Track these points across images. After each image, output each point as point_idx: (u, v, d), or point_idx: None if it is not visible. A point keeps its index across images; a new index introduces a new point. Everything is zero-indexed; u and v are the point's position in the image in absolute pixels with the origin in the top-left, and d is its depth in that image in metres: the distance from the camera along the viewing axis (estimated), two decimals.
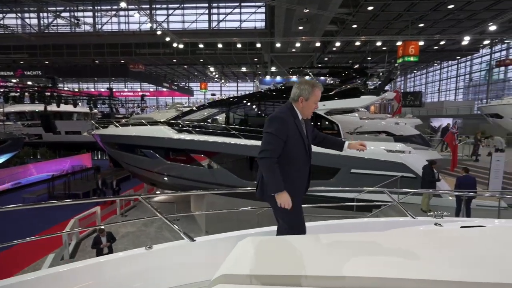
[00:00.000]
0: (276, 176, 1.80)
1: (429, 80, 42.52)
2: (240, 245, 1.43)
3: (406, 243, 1.43)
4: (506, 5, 19.82)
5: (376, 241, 1.43)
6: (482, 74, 33.40)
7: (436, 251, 1.32)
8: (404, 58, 21.39)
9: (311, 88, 1.91)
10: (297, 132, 1.92)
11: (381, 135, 12.19)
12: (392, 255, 1.27)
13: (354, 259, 1.21)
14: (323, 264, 1.18)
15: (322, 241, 1.49)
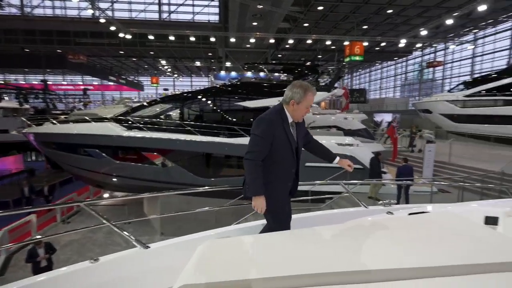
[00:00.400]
0: (257, 180, 1.80)
1: (372, 79, 46.31)
2: (201, 250, 1.34)
3: (367, 233, 1.49)
4: (433, 13, 22.41)
5: (338, 233, 1.46)
6: (415, 74, 37.46)
7: (394, 240, 1.40)
8: (350, 57, 22.87)
9: (303, 92, 1.84)
10: (284, 135, 1.88)
11: (331, 129, 12.90)
12: (358, 246, 1.31)
13: (321, 254, 1.21)
14: (287, 262, 1.16)
15: (285, 238, 1.47)
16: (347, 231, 1.51)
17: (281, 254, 1.26)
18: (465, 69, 29.71)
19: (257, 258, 1.24)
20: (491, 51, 26.85)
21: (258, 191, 1.80)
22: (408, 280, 1.02)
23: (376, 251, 1.26)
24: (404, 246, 1.31)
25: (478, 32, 27.57)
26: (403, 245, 1.32)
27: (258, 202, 1.81)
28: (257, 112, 10.49)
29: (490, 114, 16.62)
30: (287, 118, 1.91)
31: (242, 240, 1.49)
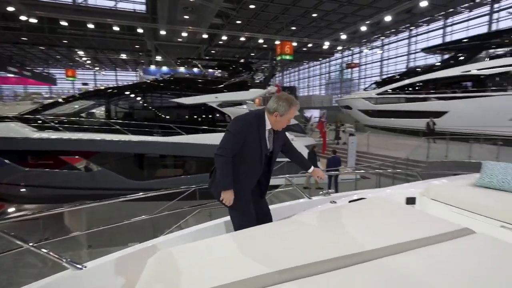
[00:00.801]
0: (227, 175, 1.87)
1: (301, 77, 49.60)
2: (152, 263, 1.21)
3: (319, 224, 1.57)
4: (350, 20, 25.13)
5: (294, 227, 1.51)
6: (337, 73, 41.58)
7: (342, 227, 1.51)
8: (281, 56, 24.01)
9: (288, 106, 1.89)
10: (257, 139, 1.93)
11: None
12: (313, 238, 1.37)
13: (278, 252, 1.23)
14: (248, 264, 1.14)
15: (240, 238, 1.45)
16: (302, 223, 1.58)
17: (241, 256, 1.24)
18: (376, 71, 34.27)
19: (217, 264, 1.18)
20: (394, 56, 31.59)
21: (228, 186, 1.88)
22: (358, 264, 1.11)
23: (327, 240, 1.34)
24: (351, 232, 1.43)
25: (385, 39, 32.06)
26: (350, 232, 1.44)
27: (227, 195, 1.88)
28: (193, 109, 10.21)
29: (395, 109, 19.59)
30: (265, 125, 1.96)
31: (197, 246, 1.40)
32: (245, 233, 1.51)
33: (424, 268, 1.09)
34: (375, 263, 1.10)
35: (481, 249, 1.25)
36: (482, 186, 2.26)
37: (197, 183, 8.14)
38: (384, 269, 1.07)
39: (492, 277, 1.04)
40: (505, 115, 13.05)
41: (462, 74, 15.85)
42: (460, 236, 1.37)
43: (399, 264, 1.11)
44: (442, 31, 25.86)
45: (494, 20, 21.74)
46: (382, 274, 1.04)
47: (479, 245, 1.29)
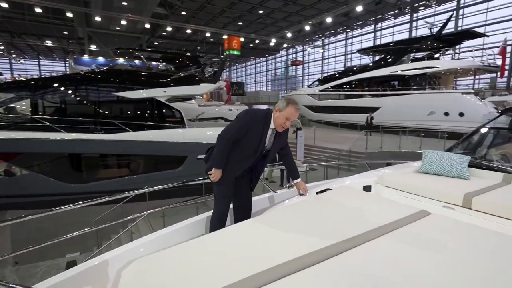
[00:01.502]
0: (223, 156, 2.03)
1: (248, 73, 50.03)
2: (130, 275, 1.08)
3: (300, 217, 1.60)
4: (294, 19, 26.16)
5: (272, 224, 1.50)
6: (282, 70, 43.03)
7: (323, 218, 1.56)
8: (229, 51, 23.88)
9: (286, 103, 2.04)
10: (258, 135, 2.05)
11: (218, 121, 13.20)
12: (296, 232, 1.38)
13: (262, 250, 1.21)
14: (232, 267, 1.11)
15: (218, 240, 1.38)
16: (280, 218, 1.58)
17: (221, 258, 1.18)
18: (318, 69, 36.43)
19: (200, 269, 1.11)
20: (333, 55, 33.99)
21: (220, 165, 2.04)
22: (349, 250, 1.17)
23: (311, 232, 1.37)
24: (331, 222, 1.49)
25: (325, 39, 34.22)
26: (330, 222, 1.50)
27: (217, 174, 2.04)
28: (139, 103, 9.49)
29: (336, 105, 21.17)
30: (270, 123, 2.08)
31: (173, 252, 1.28)
32: (223, 233, 1.45)
33: (404, 247, 1.20)
34: (363, 248, 1.17)
35: (440, 227, 1.43)
36: (424, 172, 2.58)
37: (146, 183, 7.63)
38: (372, 252, 1.15)
39: (455, 249, 1.19)
40: (425, 111, 15.14)
41: (390, 74, 17.86)
42: (420, 217, 1.54)
43: (383, 246, 1.20)
44: (373, 34, 28.65)
45: (413, 27, 24.94)
46: (372, 257, 1.12)
47: (437, 224, 1.47)
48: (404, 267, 1.07)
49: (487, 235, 1.31)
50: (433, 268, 1.05)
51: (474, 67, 15.18)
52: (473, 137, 3.41)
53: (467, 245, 1.23)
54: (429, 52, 17.52)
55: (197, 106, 13.00)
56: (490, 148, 3.36)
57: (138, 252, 1.60)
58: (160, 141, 8.20)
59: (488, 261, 1.08)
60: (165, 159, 8.61)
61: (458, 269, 1.04)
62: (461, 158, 2.52)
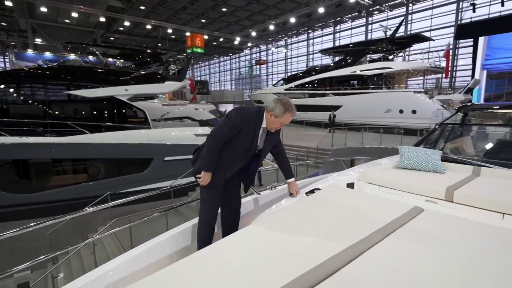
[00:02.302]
0: (213, 157, 1.91)
1: (212, 71, 49.24)
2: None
3: (300, 221, 1.51)
4: (258, 18, 26.28)
5: (273, 229, 1.40)
6: (246, 69, 43.08)
7: (325, 220, 1.49)
8: (192, 49, 23.19)
9: (283, 110, 1.92)
10: (251, 134, 1.96)
11: (184, 120, 12.72)
12: (302, 237, 1.29)
13: (265, 264, 1.11)
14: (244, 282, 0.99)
15: (217, 254, 1.22)
16: (279, 223, 1.48)
17: (228, 277, 1.05)
18: (281, 68, 37.07)
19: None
20: (296, 55, 34.84)
21: (210, 168, 1.93)
22: (362, 254, 1.11)
23: (317, 237, 1.30)
24: (335, 224, 1.43)
25: (288, 39, 34.93)
26: (334, 224, 1.43)
27: (206, 177, 1.92)
28: (97, 103, 8.74)
29: (300, 104, 21.71)
30: (262, 123, 1.99)
31: (165, 275, 1.11)
32: (222, 246, 1.30)
33: (413, 245, 1.18)
34: (376, 249, 1.13)
35: (437, 223, 1.44)
36: (403, 167, 2.66)
37: (107, 189, 7.09)
38: (386, 253, 1.11)
39: (463, 245, 1.20)
40: (382, 108, 16.17)
41: (350, 74, 18.78)
42: (416, 214, 1.55)
43: (393, 247, 1.16)
44: (333, 36, 29.91)
45: (369, 30, 26.52)
46: (387, 258, 1.08)
47: (433, 219, 1.49)
48: (422, 266, 1.05)
49: (489, 230, 1.34)
50: (450, 265, 1.04)
51: (423, 68, 16.57)
52: (435, 133, 3.64)
53: (472, 240, 1.24)
54: (384, 53, 18.76)
55: (160, 105, 12.39)
56: (446, 142, 3.62)
57: (120, 272, 1.39)
58: (122, 143, 7.63)
59: (500, 255, 1.09)
60: (128, 162, 8.04)
61: (473, 264, 1.04)
62: (434, 153, 2.65)
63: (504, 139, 3.75)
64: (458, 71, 20.94)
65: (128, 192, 7.73)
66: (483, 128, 4.38)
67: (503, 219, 1.76)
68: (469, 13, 18.80)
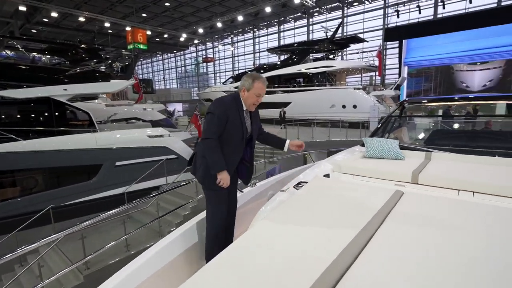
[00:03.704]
0: (219, 156, 1.89)
1: (155, 69, 46.65)
2: None
3: (304, 215, 1.58)
4: (204, 14, 25.74)
5: (277, 227, 1.44)
6: (193, 67, 41.89)
7: (327, 212, 1.58)
8: (134, 45, 21.69)
9: (251, 80, 1.96)
10: (238, 119, 1.97)
11: (132, 122, 11.87)
12: (311, 232, 1.36)
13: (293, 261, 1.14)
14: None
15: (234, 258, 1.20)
16: (283, 220, 1.51)
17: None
18: (229, 66, 36.98)
19: None
20: (243, 53, 35.09)
21: (222, 167, 1.89)
22: (370, 241, 1.23)
23: (325, 230, 1.38)
24: (338, 215, 1.54)
25: (234, 37, 34.97)
26: (337, 215, 1.54)
27: (224, 176, 1.90)
28: (29, 105, 7.60)
29: None
30: (242, 105, 2.02)
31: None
32: (233, 253, 1.23)
33: (407, 227, 1.35)
34: (378, 238, 1.24)
35: (421, 203, 1.66)
36: (370, 157, 2.94)
37: (49, 202, 6.30)
38: (388, 238, 1.23)
39: (449, 220, 1.41)
40: (327, 104, 17.36)
41: (297, 72, 19.71)
42: (399, 197, 1.76)
43: (392, 231, 1.30)
44: (277, 35, 30.91)
45: (310, 31, 28.10)
46: (391, 243, 1.20)
47: (415, 200, 1.70)
48: (424, 244, 1.19)
49: (464, 206, 1.59)
50: (451, 240, 1.20)
51: (361, 67, 18.26)
52: (383, 125, 4.10)
53: (456, 215, 1.46)
54: (325, 53, 20.13)
55: (104, 106, 11.35)
56: (390, 132, 4.11)
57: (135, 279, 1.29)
58: (65, 150, 6.79)
59: (485, 229, 1.30)
60: (73, 171, 7.20)
61: (473, 237, 1.22)
62: (394, 142, 3.00)
63: (440, 128, 4.40)
64: (387, 69, 23.59)
65: (75, 204, 6.95)
66: (421, 119, 5.07)
67: (459, 194, 2.10)
68: (395, 18, 21.32)
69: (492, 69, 17.91)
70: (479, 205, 1.59)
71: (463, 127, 4.53)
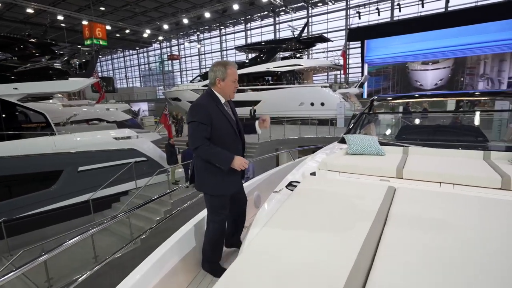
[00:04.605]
0: (219, 153, 1.83)
1: (116, 67, 44.04)
2: None
3: (309, 217, 1.53)
4: (168, 10, 24.80)
5: (290, 229, 1.39)
6: (157, 65, 40.25)
7: (331, 213, 1.55)
8: (92, 40, 20.22)
9: (224, 68, 1.89)
10: (220, 114, 1.90)
11: (94, 123, 11.06)
12: (319, 236, 1.32)
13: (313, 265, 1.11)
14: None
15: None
16: (283, 224, 1.46)
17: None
18: (195, 64, 36.13)
19: None
20: (209, 51, 34.49)
21: (230, 158, 1.82)
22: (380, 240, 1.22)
23: (335, 232, 1.35)
24: (343, 216, 1.52)
25: (200, 34, 34.19)
26: (341, 216, 1.53)
27: (237, 162, 1.83)
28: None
29: None
30: (220, 99, 1.94)
31: None
32: (241, 268, 1.15)
33: (413, 221, 1.36)
34: (386, 238, 1.23)
35: (416, 198, 1.69)
36: (352, 153, 3.00)
37: (1, 215, 5.66)
38: (397, 240, 1.22)
39: (453, 215, 1.45)
40: (296, 102, 17.69)
41: (266, 70, 19.82)
42: (393, 193, 1.79)
43: (396, 230, 1.30)
44: (244, 33, 30.83)
45: (277, 30, 28.43)
46: (401, 244, 1.18)
47: (410, 195, 1.74)
48: (433, 239, 1.20)
49: (462, 199, 1.64)
50: (458, 236, 1.22)
51: (327, 66, 18.87)
52: (356, 122, 4.23)
53: (458, 209, 1.50)
54: (293, 52, 20.49)
55: (61, 106, 10.42)
56: (361, 129, 4.28)
57: None
58: (17, 156, 6.09)
59: (484, 222, 1.35)
60: (28, 179, 6.50)
61: (481, 232, 1.25)
62: (374, 138, 3.09)
63: (408, 124, 4.65)
64: (350, 68, 24.68)
65: (33, 215, 6.28)
66: (390, 115, 5.34)
67: (440, 187, 2.20)
68: (357, 19, 22.34)
69: (442, 69, 19.58)
70: (477, 198, 1.64)
71: (429, 122, 4.85)
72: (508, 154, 2.52)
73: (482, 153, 2.68)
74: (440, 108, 10.75)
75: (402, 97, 4.98)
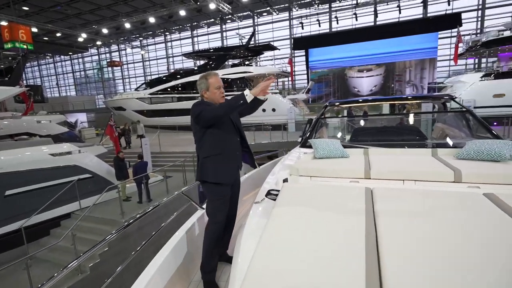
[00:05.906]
0: (231, 99, 1.89)
1: (44, 74, 39.20)
2: None
3: (302, 223, 1.50)
4: (106, 13, 23.07)
5: (290, 235, 1.33)
6: (95, 71, 36.97)
7: (324, 218, 1.54)
8: (14, 44, 17.74)
9: (205, 80, 2.02)
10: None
11: (22, 137, 9.59)
12: (316, 242, 1.31)
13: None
14: None
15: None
16: (276, 236, 1.40)
17: None
18: (139, 71, 34.15)
19: None
20: (154, 57, 32.95)
21: (241, 95, 1.84)
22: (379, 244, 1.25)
23: (331, 238, 1.34)
24: (335, 221, 1.52)
25: (143, 40, 32.50)
26: (335, 221, 1.53)
27: (257, 89, 1.87)
28: None
29: (169, 108, 20.85)
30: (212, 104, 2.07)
31: None
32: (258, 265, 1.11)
33: (399, 222, 1.41)
34: (384, 238, 1.27)
35: (395, 197, 1.77)
36: (320, 157, 3.10)
37: None
38: (393, 240, 1.26)
39: (433, 210, 1.55)
40: None
41: None
42: (371, 194, 1.87)
43: (388, 230, 1.34)
44: (191, 40, 30.27)
45: (224, 37, 28.56)
46: (398, 244, 1.22)
47: (386, 194, 1.83)
48: (417, 236, 1.26)
49: (432, 194, 1.77)
50: (444, 232, 1.30)
51: (276, 72, 19.51)
52: (315, 127, 4.43)
53: (435, 204, 1.61)
54: (242, 59, 20.76)
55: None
56: (315, 133, 4.51)
57: None
58: None
59: (469, 216, 1.46)
60: None
61: (465, 225, 1.34)
62: (337, 142, 3.23)
63: (359, 126, 5.00)
64: (297, 75, 25.97)
65: None
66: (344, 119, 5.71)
67: (404, 184, 2.39)
68: (300, 29, 23.68)
69: (375, 76, 21.86)
70: (442, 192, 1.78)
71: (373, 124, 5.31)
72: (452, 150, 2.86)
73: (430, 150, 3.00)
74: (376, 111, 11.85)
75: (353, 101, 5.37)
